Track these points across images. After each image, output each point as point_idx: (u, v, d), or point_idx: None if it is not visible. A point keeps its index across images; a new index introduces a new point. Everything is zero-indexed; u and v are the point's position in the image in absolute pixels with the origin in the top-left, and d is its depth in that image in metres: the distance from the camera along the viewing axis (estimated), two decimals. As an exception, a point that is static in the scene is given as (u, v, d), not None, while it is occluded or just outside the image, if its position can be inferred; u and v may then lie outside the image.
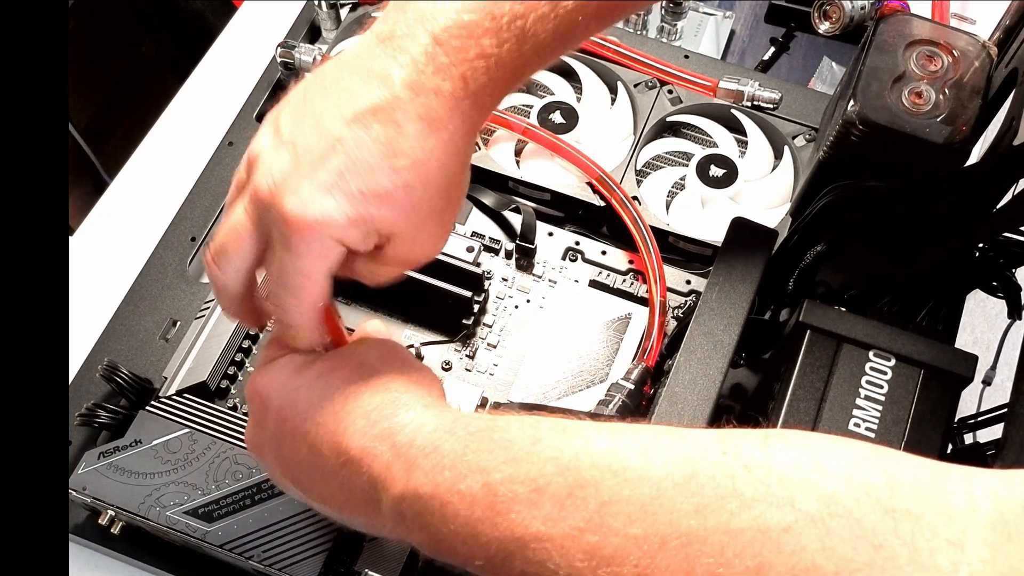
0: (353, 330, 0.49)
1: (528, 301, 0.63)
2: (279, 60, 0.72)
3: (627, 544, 0.33)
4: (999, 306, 0.59)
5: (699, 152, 0.69)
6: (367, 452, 0.39)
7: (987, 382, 0.62)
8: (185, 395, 0.56)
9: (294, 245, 0.39)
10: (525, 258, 0.64)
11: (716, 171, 0.68)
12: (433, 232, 0.43)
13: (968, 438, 0.57)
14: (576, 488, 0.34)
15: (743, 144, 0.70)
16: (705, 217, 0.67)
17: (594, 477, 0.34)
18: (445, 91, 0.39)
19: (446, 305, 0.61)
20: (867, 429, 0.50)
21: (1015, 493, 0.29)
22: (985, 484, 0.30)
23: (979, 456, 0.55)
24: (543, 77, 0.73)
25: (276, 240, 0.40)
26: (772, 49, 0.84)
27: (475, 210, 0.66)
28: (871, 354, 0.52)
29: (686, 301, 0.63)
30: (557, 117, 0.70)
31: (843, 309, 0.53)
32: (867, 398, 0.50)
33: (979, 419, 0.58)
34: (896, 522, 0.29)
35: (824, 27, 0.72)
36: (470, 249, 0.60)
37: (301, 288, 0.41)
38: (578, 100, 0.71)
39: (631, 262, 0.64)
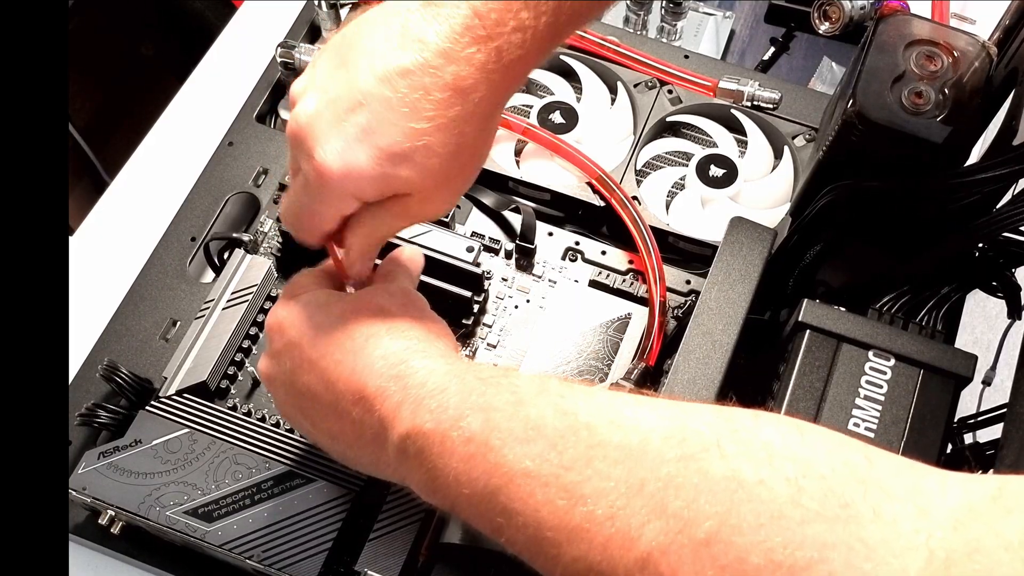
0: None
1: (528, 301, 0.63)
2: (279, 60, 0.72)
3: (606, 485, 0.34)
4: (999, 306, 0.59)
5: (699, 152, 0.69)
6: (381, 391, 0.41)
7: (987, 382, 0.62)
8: (185, 395, 0.56)
9: (315, 190, 0.42)
10: (525, 258, 0.64)
11: (716, 171, 0.68)
12: (444, 196, 0.45)
13: (968, 438, 0.57)
14: (570, 431, 0.36)
15: (743, 144, 0.70)
16: (705, 217, 0.67)
17: (588, 423, 0.36)
18: (477, 61, 0.40)
19: (446, 305, 0.60)
20: (866, 429, 0.50)
21: (985, 487, 0.30)
22: (958, 478, 0.31)
23: (979, 456, 0.55)
24: (543, 77, 0.73)
25: (300, 175, 0.43)
26: (772, 49, 0.84)
27: (475, 210, 0.66)
28: (870, 354, 0.52)
29: (686, 301, 0.63)
30: (557, 117, 0.70)
31: (842, 309, 0.53)
32: (867, 398, 0.50)
33: (979, 419, 0.58)
34: (866, 489, 0.30)
35: (824, 27, 0.72)
36: (470, 249, 0.60)
37: (310, 226, 0.44)
38: (578, 100, 0.71)
39: (631, 262, 0.64)
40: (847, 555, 0.29)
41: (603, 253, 0.65)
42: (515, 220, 0.66)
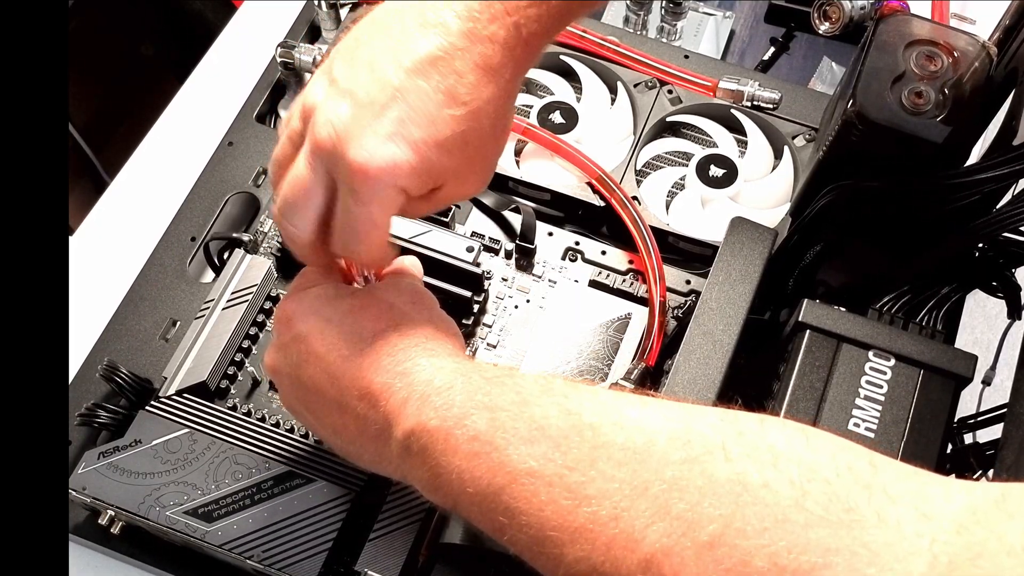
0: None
1: (528, 301, 0.63)
2: (279, 60, 0.72)
3: (611, 486, 0.34)
4: (999, 306, 0.59)
5: (699, 152, 0.69)
6: (387, 387, 0.41)
7: (987, 382, 0.62)
8: (185, 395, 0.56)
9: (361, 194, 0.41)
10: (525, 258, 0.64)
11: (716, 171, 0.68)
12: (482, 173, 0.45)
13: (968, 438, 0.57)
14: (574, 431, 0.36)
15: (743, 144, 0.70)
16: (705, 217, 0.67)
17: (593, 423, 0.36)
18: (499, 39, 0.40)
19: (446, 305, 0.60)
20: (867, 429, 0.50)
21: (988, 492, 0.30)
22: (962, 484, 0.31)
23: (979, 456, 0.55)
24: (543, 77, 0.73)
25: (343, 190, 0.42)
26: (772, 49, 0.84)
27: (475, 210, 0.66)
28: (871, 354, 0.52)
29: (686, 301, 0.63)
30: (557, 117, 0.70)
31: (842, 309, 0.53)
32: (867, 398, 0.50)
33: (979, 419, 0.58)
34: (871, 494, 0.30)
35: (824, 27, 0.72)
36: (470, 249, 0.60)
37: (369, 234, 0.42)
38: (578, 100, 0.71)
39: (631, 262, 0.64)
40: (851, 560, 0.29)
41: (603, 253, 0.65)
42: (515, 220, 0.66)
